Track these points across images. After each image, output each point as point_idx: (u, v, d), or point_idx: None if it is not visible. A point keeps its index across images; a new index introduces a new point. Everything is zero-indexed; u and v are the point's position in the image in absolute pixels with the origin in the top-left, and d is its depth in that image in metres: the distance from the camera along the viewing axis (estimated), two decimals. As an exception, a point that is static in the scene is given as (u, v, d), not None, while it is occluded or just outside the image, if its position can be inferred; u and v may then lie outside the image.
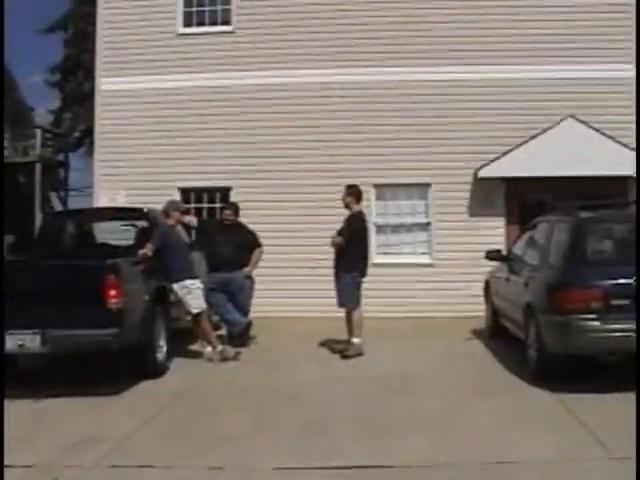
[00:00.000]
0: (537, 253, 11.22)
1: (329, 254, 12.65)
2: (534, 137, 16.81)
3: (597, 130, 16.59)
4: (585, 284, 9.24)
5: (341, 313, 12.51)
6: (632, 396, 8.21)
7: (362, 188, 13.15)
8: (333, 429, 8.08)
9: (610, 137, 16.53)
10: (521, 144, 16.87)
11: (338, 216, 12.74)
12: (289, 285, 17.41)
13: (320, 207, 16.92)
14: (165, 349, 11.40)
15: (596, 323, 9.04)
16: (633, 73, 16.87)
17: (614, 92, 17.11)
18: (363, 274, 12.37)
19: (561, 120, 16.82)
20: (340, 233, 12.31)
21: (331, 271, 12.54)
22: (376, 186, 17.71)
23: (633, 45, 16.86)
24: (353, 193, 12.59)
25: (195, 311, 11.96)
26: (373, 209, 17.53)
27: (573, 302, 9.15)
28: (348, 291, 12.21)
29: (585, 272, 9.39)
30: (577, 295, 9.18)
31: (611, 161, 15.95)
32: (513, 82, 17.56)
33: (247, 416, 8.68)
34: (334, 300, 12.49)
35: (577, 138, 16.40)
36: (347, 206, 12.58)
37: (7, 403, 9.34)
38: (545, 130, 16.83)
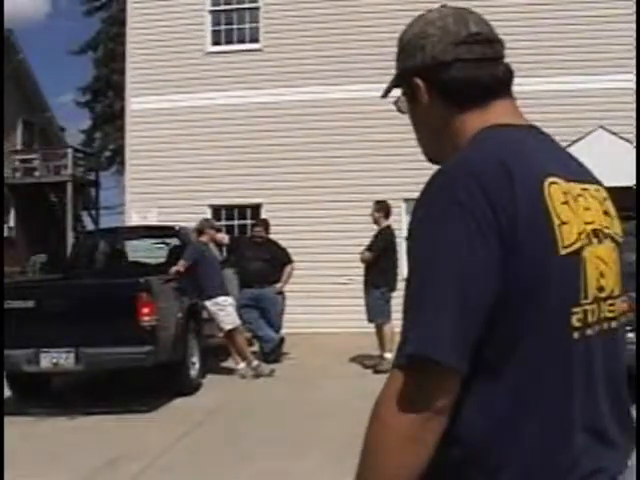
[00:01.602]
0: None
1: (360, 269, 12.64)
2: (565, 148, 16.73)
3: (628, 140, 16.51)
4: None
5: (373, 328, 12.49)
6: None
7: (392, 203, 13.14)
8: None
9: (642, 147, 16.45)
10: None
11: (368, 231, 12.73)
12: (320, 301, 17.40)
13: (351, 222, 16.90)
14: (198, 366, 11.45)
15: (630, 335, 8.97)
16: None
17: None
18: (392, 289, 12.32)
19: (591, 131, 16.74)
20: (369, 248, 12.31)
21: (362, 286, 12.54)
22: (406, 200, 17.68)
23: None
24: (382, 208, 12.57)
25: (228, 327, 11.98)
26: (404, 224, 17.51)
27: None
28: (378, 306, 12.18)
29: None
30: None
31: (643, 171, 15.85)
32: (542, 94, 17.49)
33: (281, 432, 8.68)
34: (365, 315, 12.48)
35: (608, 149, 16.29)
36: (376, 222, 12.56)
37: (41, 421, 9.45)
38: (575, 141, 16.74)
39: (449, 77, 1.89)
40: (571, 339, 1.71)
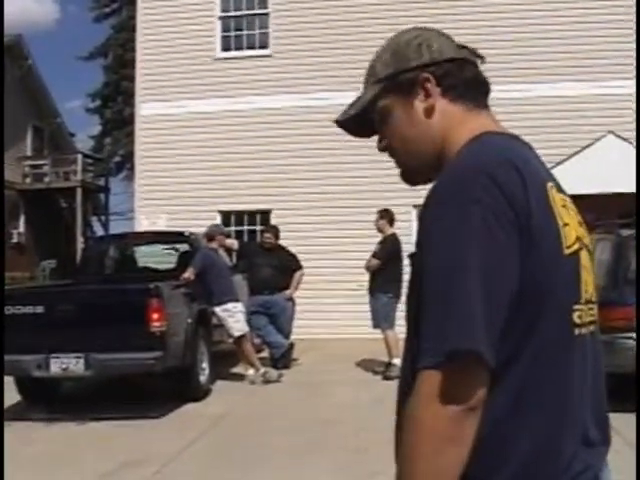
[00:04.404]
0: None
1: (369, 275, 12.64)
2: (574, 155, 16.70)
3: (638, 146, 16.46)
4: (628, 302, 9.15)
5: (381, 335, 12.48)
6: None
7: (402, 209, 13.13)
8: (375, 451, 8.05)
9: (653, 153, 16.40)
10: (561, 162, 16.76)
11: (377, 238, 12.74)
12: (330, 307, 17.38)
13: (360, 228, 16.84)
14: (207, 372, 11.44)
15: (630, 342, 8.95)
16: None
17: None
18: (398, 296, 12.30)
19: (601, 137, 16.71)
20: (375, 256, 12.35)
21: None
22: (416, 207, 17.67)
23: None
24: (385, 216, 12.62)
25: (237, 334, 11.99)
26: (414, 230, 17.49)
27: (616, 320, 9.05)
28: (383, 311, 12.17)
29: (628, 290, 9.30)
30: (620, 313, 9.09)
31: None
32: (551, 100, 17.50)
33: (290, 439, 8.66)
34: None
35: (618, 155, 16.25)
36: (380, 230, 12.61)
37: (50, 425, 9.45)
38: (585, 147, 16.72)
39: (460, 74, 1.91)
40: (573, 336, 1.75)
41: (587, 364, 1.80)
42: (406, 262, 12.15)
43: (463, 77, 1.91)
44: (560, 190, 1.87)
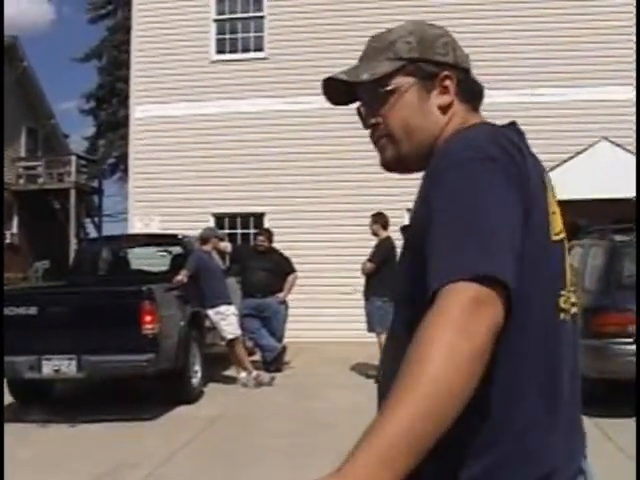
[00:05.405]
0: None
1: (363, 278, 12.65)
2: (568, 160, 16.70)
3: (631, 152, 16.47)
4: (621, 307, 9.16)
5: (374, 338, 12.48)
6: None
7: (395, 213, 13.12)
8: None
9: (646, 159, 16.41)
10: (555, 167, 16.77)
11: (371, 241, 12.75)
12: (324, 310, 17.36)
13: (354, 232, 16.85)
14: (200, 374, 11.43)
15: (633, 347, 8.95)
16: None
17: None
18: (392, 300, 12.27)
19: (595, 142, 16.72)
20: (370, 259, 12.36)
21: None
22: (409, 210, 17.65)
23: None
24: (378, 220, 12.64)
25: (229, 337, 11.99)
26: (407, 233, 17.48)
27: (609, 326, 9.08)
28: (378, 315, 12.17)
29: (621, 295, 9.32)
30: (613, 319, 9.11)
31: (647, 183, 15.80)
32: (546, 105, 17.50)
33: (282, 443, 8.66)
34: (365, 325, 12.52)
35: (612, 160, 16.26)
36: (375, 234, 12.63)
37: (42, 428, 9.44)
38: (579, 153, 16.73)
39: (469, 83, 2.00)
40: (559, 320, 1.78)
41: (568, 348, 1.82)
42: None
43: (471, 86, 2.00)
44: (550, 182, 1.89)
